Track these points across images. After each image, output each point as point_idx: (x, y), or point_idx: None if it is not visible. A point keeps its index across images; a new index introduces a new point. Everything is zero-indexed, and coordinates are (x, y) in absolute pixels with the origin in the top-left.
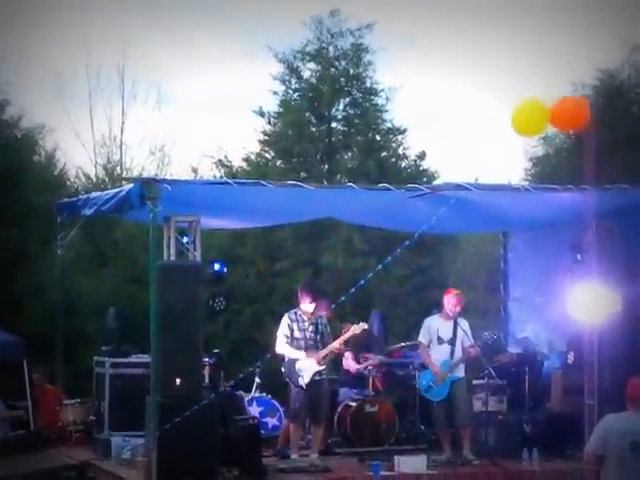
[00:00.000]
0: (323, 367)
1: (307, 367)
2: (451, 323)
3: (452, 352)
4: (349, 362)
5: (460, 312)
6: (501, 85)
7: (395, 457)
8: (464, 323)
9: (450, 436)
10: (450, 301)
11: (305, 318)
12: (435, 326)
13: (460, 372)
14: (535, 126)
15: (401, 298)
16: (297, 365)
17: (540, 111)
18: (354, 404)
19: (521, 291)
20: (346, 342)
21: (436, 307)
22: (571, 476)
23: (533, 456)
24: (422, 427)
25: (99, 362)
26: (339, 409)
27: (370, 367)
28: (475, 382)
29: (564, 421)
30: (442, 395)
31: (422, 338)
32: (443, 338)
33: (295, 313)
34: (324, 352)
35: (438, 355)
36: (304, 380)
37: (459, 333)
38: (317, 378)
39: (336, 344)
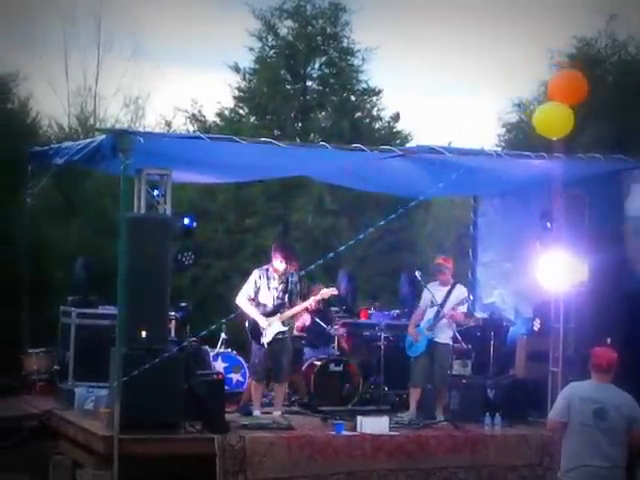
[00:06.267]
0: (287, 327)
1: (271, 326)
2: (446, 289)
3: (437, 313)
4: (303, 319)
5: (444, 279)
6: (479, 50)
7: (358, 417)
8: (459, 291)
9: (419, 395)
10: (437, 270)
11: (276, 276)
12: (431, 293)
13: (441, 336)
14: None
15: (370, 259)
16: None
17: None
18: (319, 363)
19: (490, 256)
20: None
21: (403, 269)
22: (533, 441)
23: (495, 421)
24: (386, 388)
25: (65, 312)
26: (304, 367)
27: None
28: None
29: (527, 387)
30: (419, 351)
31: (421, 303)
32: (434, 302)
33: (267, 270)
34: (290, 313)
35: (427, 317)
36: (266, 338)
37: (451, 298)
38: (280, 337)
39: (304, 305)
